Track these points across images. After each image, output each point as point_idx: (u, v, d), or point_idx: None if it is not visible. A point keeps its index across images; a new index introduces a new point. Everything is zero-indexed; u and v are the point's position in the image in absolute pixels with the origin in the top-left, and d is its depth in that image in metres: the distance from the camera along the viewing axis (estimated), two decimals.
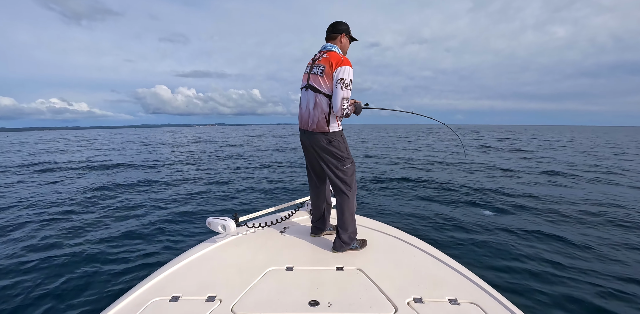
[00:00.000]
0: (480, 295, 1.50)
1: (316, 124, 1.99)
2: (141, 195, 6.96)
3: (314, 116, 2.00)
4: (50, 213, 5.65)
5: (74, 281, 3.27)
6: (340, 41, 2.07)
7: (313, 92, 1.98)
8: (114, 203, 6.25)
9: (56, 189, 7.83)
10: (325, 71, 1.92)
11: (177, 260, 1.90)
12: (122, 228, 4.75)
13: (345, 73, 1.86)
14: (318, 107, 1.96)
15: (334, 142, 1.98)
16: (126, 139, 36.63)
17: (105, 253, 3.90)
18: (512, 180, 8.44)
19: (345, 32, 2.06)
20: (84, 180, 8.89)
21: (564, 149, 18.87)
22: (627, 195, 6.91)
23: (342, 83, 1.85)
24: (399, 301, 1.44)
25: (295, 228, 2.44)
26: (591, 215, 5.35)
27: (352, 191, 2.03)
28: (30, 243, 4.27)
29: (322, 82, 1.93)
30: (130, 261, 3.69)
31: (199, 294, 1.52)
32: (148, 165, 11.33)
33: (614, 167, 11.00)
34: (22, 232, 4.70)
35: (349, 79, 1.87)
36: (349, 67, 1.90)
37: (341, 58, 1.93)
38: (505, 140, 28.58)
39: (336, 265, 1.82)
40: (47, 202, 6.45)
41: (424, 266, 1.78)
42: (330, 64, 1.90)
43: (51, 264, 3.63)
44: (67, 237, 4.46)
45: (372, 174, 8.97)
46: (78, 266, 3.57)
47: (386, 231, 2.34)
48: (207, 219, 2.15)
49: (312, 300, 1.45)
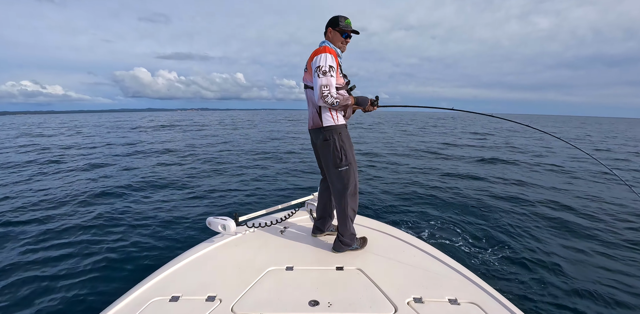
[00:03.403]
0: (480, 295, 1.52)
1: (312, 120, 2.00)
2: (139, 194, 6.75)
3: (310, 113, 2.02)
4: (45, 212, 5.48)
5: (74, 280, 3.23)
6: (328, 36, 2.04)
7: (306, 89, 2.01)
8: (111, 203, 6.05)
9: (54, 187, 7.51)
10: (307, 65, 1.94)
11: (177, 259, 1.89)
12: (121, 228, 4.66)
13: (321, 61, 1.82)
14: (310, 102, 2.00)
15: (329, 139, 1.93)
16: (115, 125, 34.96)
17: (104, 252, 3.84)
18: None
19: (331, 26, 2.02)
20: (78, 178, 8.48)
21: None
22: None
23: (318, 71, 1.82)
24: (399, 301, 1.46)
25: (296, 228, 2.44)
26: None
27: (350, 193, 2.00)
28: (29, 241, 4.19)
29: (307, 76, 1.97)
30: (130, 260, 3.65)
31: (199, 294, 1.51)
32: (145, 161, 10.94)
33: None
34: (20, 229, 4.62)
35: (328, 65, 1.81)
36: (327, 53, 1.84)
37: (320, 48, 1.91)
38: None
39: (336, 265, 1.83)
40: (43, 200, 6.22)
41: (423, 266, 1.80)
42: (311, 58, 1.91)
43: (50, 264, 3.56)
44: (65, 237, 4.36)
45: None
46: (78, 266, 3.52)
47: (386, 231, 2.36)
48: (207, 219, 2.13)
49: (312, 300, 1.46)
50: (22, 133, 24.16)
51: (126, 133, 22.49)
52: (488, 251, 3.88)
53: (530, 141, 17.85)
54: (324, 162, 2.04)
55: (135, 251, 3.90)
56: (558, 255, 3.81)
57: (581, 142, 19.66)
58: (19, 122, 54.35)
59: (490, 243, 4.12)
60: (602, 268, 3.54)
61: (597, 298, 2.96)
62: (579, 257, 3.80)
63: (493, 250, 3.90)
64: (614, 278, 3.32)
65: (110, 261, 3.63)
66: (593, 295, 2.98)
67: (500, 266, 3.51)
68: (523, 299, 2.88)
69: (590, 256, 3.83)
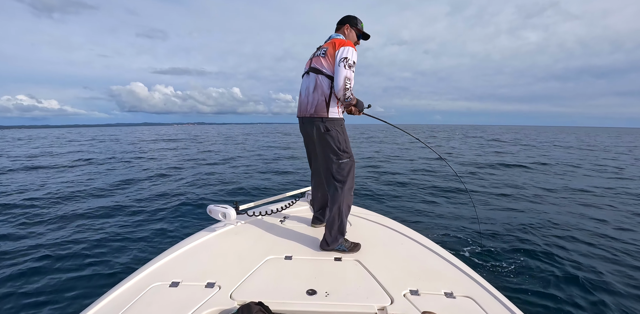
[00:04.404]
0: (476, 289, 1.52)
1: (315, 107, 1.88)
2: (141, 184, 7.14)
3: (313, 99, 1.89)
4: (51, 203, 5.74)
5: (76, 266, 3.29)
6: (344, 32, 2.05)
7: (315, 74, 1.89)
8: (113, 192, 6.35)
9: (53, 181, 7.97)
10: (328, 51, 1.85)
11: (177, 246, 1.90)
12: (123, 216, 4.82)
13: (349, 53, 1.79)
14: (318, 89, 1.88)
15: (332, 131, 1.87)
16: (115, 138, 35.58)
17: (106, 239, 3.93)
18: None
19: (349, 23, 2.04)
20: (83, 172, 9.07)
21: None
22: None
23: (345, 62, 1.77)
24: (395, 292, 1.46)
25: (296, 218, 2.46)
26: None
27: (346, 187, 1.93)
28: (33, 230, 4.33)
29: (324, 62, 1.86)
30: (131, 248, 3.71)
31: (199, 280, 1.52)
32: (148, 157, 11.35)
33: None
34: (24, 220, 4.78)
35: (353, 60, 1.80)
36: (353, 48, 1.83)
37: (345, 41, 1.89)
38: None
39: (334, 256, 1.85)
40: (50, 193, 6.55)
41: (421, 259, 1.81)
42: (334, 45, 1.85)
43: (53, 251, 3.62)
44: (69, 225, 4.51)
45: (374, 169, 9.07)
46: (80, 252, 3.58)
47: (385, 223, 2.37)
48: (207, 207, 2.15)
49: (310, 289, 1.47)
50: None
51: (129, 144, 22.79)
52: (485, 246, 3.92)
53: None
54: (322, 153, 1.95)
55: (136, 238, 3.98)
56: (557, 250, 3.81)
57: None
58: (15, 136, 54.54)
59: (488, 238, 4.17)
60: (604, 261, 3.57)
61: (594, 291, 2.94)
62: (580, 252, 3.79)
63: (490, 245, 3.94)
64: (617, 270, 3.34)
65: (111, 248, 3.70)
66: (590, 291, 2.96)
67: (496, 261, 3.54)
68: (518, 293, 2.88)
69: (592, 252, 3.81)
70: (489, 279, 1.66)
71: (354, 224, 2.35)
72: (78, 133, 54.88)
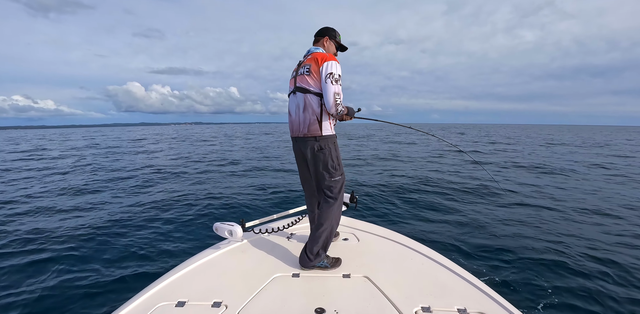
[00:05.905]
0: (490, 305, 1.48)
1: (307, 127, 1.87)
2: (145, 198, 6.85)
3: (304, 119, 1.88)
4: (52, 215, 5.59)
5: (81, 285, 3.22)
6: (323, 44, 2.02)
7: (302, 93, 1.87)
8: (117, 208, 6.09)
9: (52, 190, 7.73)
10: (312, 68, 1.83)
11: (183, 265, 1.87)
12: (128, 233, 4.68)
13: (333, 68, 1.78)
14: (309, 108, 1.86)
15: (324, 149, 1.87)
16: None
17: (112, 258, 3.84)
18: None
19: (328, 35, 2.02)
20: (82, 182, 8.73)
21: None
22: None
23: (331, 78, 1.76)
24: (406, 309, 1.43)
25: (302, 235, 2.42)
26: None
27: (337, 204, 1.94)
28: (35, 246, 4.21)
29: (309, 80, 1.84)
30: (137, 266, 3.63)
31: (205, 299, 1.50)
32: (152, 169, 11.10)
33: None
34: (24, 233, 4.67)
35: (338, 74, 1.79)
36: (336, 62, 1.82)
37: (326, 55, 1.87)
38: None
39: (343, 272, 1.81)
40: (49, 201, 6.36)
41: (432, 275, 1.77)
42: (316, 60, 1.83)
43: (57, 268, 3.55)
44: (74, 241, 4.37)
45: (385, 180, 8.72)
46: (85, 271, 3.50)
47: (393, 238, 2.32)
48: (214, 224, 2.13)
49: (319, 307, 1.44)
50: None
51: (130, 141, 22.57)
52: (497, 259, 3.74)
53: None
54: (315, 172, 1.95)
55: (142, 256, 3.89)
56: (572, 263, 3.58)
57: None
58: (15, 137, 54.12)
59: (499, 251, 3.97)
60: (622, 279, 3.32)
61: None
62: (597, 267, 3.53)
63: (502, 258, 3.75)
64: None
65: (117, 267, 3.62)
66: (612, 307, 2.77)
67: (510, 275, 3.35)
68: (534, 310, 2.75)
69: (611, 265, 3.58)
70: (503, 294, 1.62)
71: (362, 240, 2.31)
72: (76, 134, 54.24)
